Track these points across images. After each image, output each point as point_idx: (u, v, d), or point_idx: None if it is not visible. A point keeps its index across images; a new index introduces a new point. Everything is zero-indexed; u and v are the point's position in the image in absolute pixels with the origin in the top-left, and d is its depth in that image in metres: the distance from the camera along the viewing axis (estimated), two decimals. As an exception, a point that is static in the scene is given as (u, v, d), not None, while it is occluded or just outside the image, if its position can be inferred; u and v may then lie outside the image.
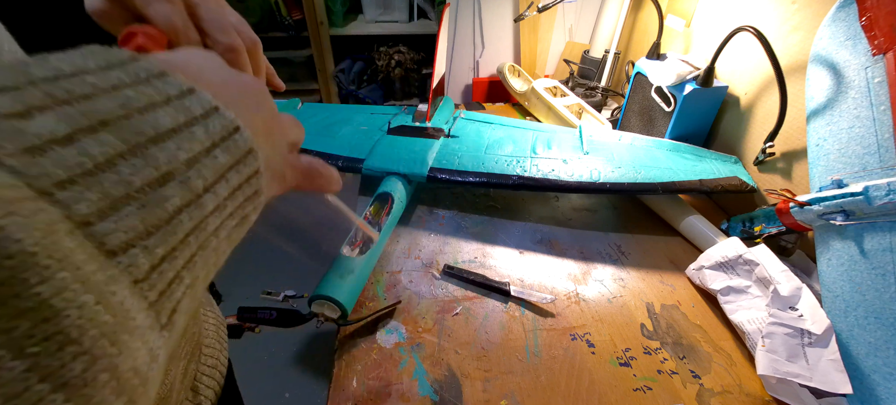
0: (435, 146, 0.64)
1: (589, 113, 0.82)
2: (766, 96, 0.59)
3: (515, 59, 1.08)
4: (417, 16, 1.43)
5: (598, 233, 0.60)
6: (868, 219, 0.41)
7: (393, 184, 0.57)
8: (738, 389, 0.41)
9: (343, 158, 0.62)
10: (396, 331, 0.45)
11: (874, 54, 0.43)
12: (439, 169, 0.59)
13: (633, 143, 0.66)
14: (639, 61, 0.73)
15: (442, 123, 0.69)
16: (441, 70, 0.76)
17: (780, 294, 0.42)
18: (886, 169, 0.41)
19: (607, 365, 0.42)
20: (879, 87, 0.42)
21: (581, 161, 0.60)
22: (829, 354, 0.38)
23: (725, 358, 0.44)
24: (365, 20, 1.45)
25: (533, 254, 0.56)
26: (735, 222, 0.56)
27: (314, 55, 1.42)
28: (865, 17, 0.43)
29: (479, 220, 0.61)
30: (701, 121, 0.68)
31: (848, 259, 0.42)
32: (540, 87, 0.85)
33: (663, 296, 0.50)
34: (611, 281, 0.52)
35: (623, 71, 0.98)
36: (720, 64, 0.65)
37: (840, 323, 0.41)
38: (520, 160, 0.61)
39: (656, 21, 0.74)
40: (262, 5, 1.33)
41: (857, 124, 0.44)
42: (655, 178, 0.57)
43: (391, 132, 0.67)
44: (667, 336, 0.45)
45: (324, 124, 0.71)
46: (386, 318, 0.46)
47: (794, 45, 0.54)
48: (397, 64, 1.46)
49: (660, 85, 0.67)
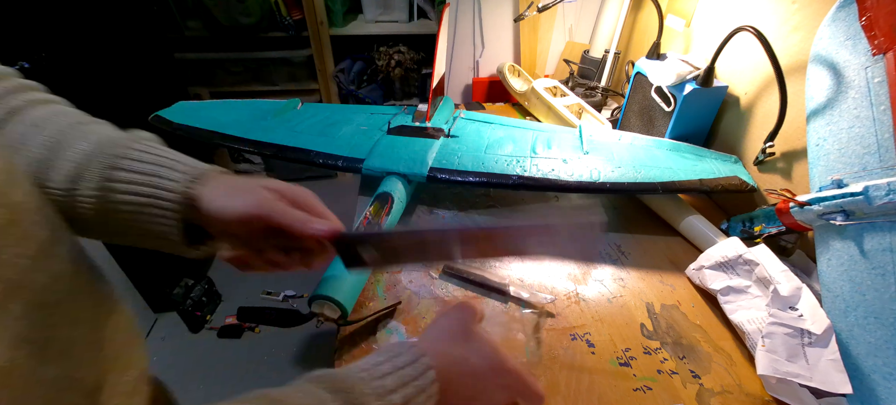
0: (435, 146, 0.64)
1: (589, 113, 0.82)
2: (766, 96, 0.59)
3: (515, 58, 1.08)
4: (417, 16, 1.43)
5: (598, 234, 0.60)
6: (868, 219, 0.41)
7: (393, 183, 0.57)
8: (738, 389, 0.41)
9: (343, 158, 0.62)
10: (396, 332, 0.45)
11: (874, 54, 0.43)
12: (439, 169, 0.59)
13: (633, 142, 0.65)
14: (639, 61, 0.73)
15: (442, 123, 0.69)
16: (441, 70, 0.75)
17: (780, 294, 0.42)
18: (886, 169, 0.40)
19: (607, 365, 0.42)
20: (879, 87, 0.42)
21: (581, 161, 0.60)
22: (829, 354, 0.38)
23: (725, 358, 0.44)
24: (365, 20, 1.45)
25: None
26: (735, 222, 0.56)
27: (314, 55, 1.42)
28: (865, 17, 0.43)
29: (479, 220, 0.61)
30: (701, 121, 0.68)
31: (848, 259, 0.42)
32: (540, 87, 0.85)
33: (663, 296, 0.50)
34: (611, 281, 0.52)
35: (623, 71, 0.98)
36: (720, 64, 0.65)
37: (840, 323, 0.41)
38: (520, 160, 0.61)
39: (656, 21, 0.74)
40: (261, 5, 1.33)
41: (856, 124, 0.44)
42: (655, 177, 0.57)
43: (391, 132, 0.67)
44: (667, 336, 0.45)
45: (324, 124, 0.71)
46: (386, 318, 0.46)
47: (794, 45, 0.54)
48: (397, 64, 1.46)
49: (660, 85, 0.67)
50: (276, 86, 1.53)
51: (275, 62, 1.49)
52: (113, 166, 0.29)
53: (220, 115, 0.73)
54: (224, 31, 1.36)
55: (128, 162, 0.30)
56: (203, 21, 1.38)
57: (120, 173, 0.29)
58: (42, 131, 0.30)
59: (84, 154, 0.29)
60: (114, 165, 0.29)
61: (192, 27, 1.40)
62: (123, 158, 0.30)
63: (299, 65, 1.50)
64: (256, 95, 1.54)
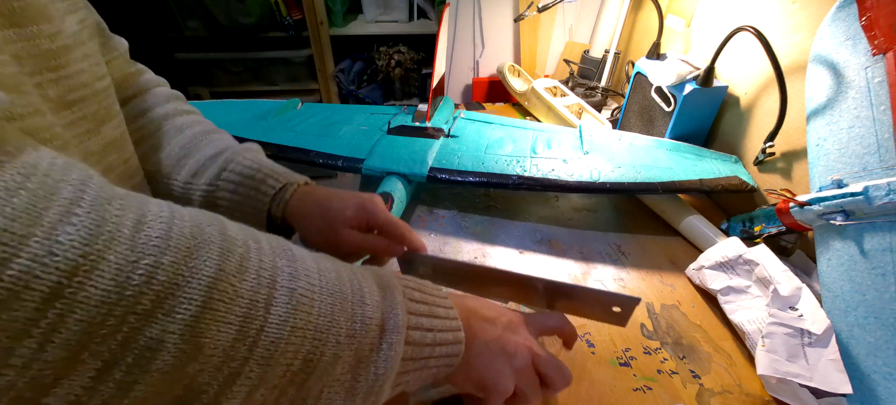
0: (435, 146, 0.64)
1: (589, 113, 0.82)
2: (766, 96, 0.59)
3: (515, 58, 1.08)
4: (417, 16, 1.42)
5: (598, 233, 0.60)
6: (868, 219, 0.41)
7: (393, 184, 0.57)
8: (738, 389, 0.41)
9: (343, 158, 0.62)
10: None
11: (874, 54, 0.43)
12: (439, 169, 0.59)
13: (633, 142, 0.66)
14: (639, 61, 0.73)
15: (442, 123, 0.69)
16: (441, 70, 0.75)
17: (780, 294, 0.42)
18: (886, 169, 0.40)
19: (607, 365, 0.42)
20: (879, 87, 0.42)
21: (581, 161, 0.60)
22: (829, 354, 0.38)
23: (725, 358, 0.44)
24: (365, 20, 1.45)
25: (533, 254, 0.56)
26: (735, 222, 0.56)
27: (314, 55, 1.42)
28: (865, 17, 0.43)
29: (479, 220, 0.61)
30: (701, 121, 0.68)
31: (848, 259, 0.42)
32: (540, 87, 0.85)
33: (663, 296, 0.50)
34: (611, 281, 0.52)
35: (623, 71, 0.98)
36: (720, 64, 0.65)
37: (840, 323, 0.41)
38: (520, 160, 0.61)
39: (656, 21, 0.74)
40: (261, 5, 1.33)
41: (857, 124, 0.44)
42: (655, 177, 0.57)
43: (391, 132, 0.67)
44: (667, 336, 0.45)
45: (324, 124, 0.71)
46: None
47: (794, 45, 0.54)
48: (397, 64, 1.46)
49: (660, 85, 0.67)
50: (276, 86, 1.53)
51: (275, 62, 1.48)
52: (224, 168, 0.38)
53: (220, 116, 0.73)
54: (224, 31, 1.36)
55: (234, 164, 0.38)
56: (203, 21, 1.38)
57: (225, 174, 0.37)
58: (182, 136, 0.39)
59: (206, 157, 0.38)
60: (224, 167, 0.38)
61: (192, 27, 1.39)
62: (231, 162, 0.38)
63: (299, 65, 1.50)
64: (256, 95, 1.53)
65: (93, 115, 0.28)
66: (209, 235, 0.19)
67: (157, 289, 0.16)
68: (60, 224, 0.15)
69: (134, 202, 0.18)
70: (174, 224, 0.18)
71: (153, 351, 0.16)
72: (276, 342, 0.19)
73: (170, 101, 0.41)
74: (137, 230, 0.17)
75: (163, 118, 0.40)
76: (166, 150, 0.38)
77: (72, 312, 0.14)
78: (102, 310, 0.15)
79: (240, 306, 0.18)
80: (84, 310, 0.15)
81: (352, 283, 0.24)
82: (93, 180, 0.17)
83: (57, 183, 0.16)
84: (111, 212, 0.16)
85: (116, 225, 0.16)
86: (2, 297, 0.13)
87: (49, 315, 0.14)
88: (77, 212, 0.16)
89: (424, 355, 0.26)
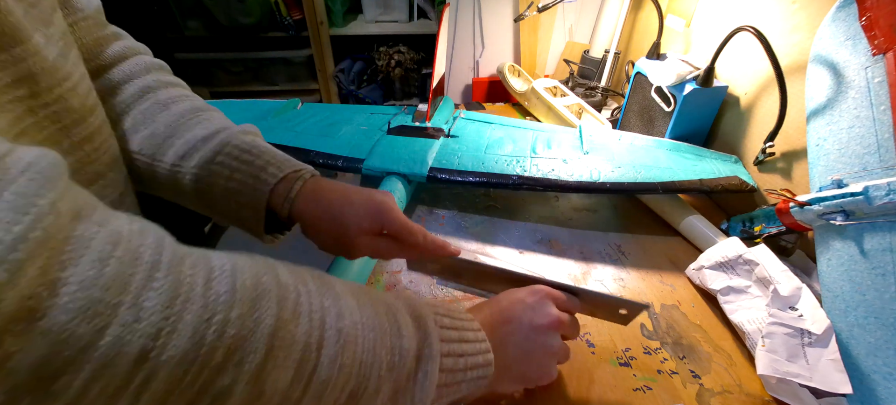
0: (435, 146, 0.64)
1: (589, 113, 0.82)
2: (766, 96, 0.59)
3: (515, 58, 1.08)
4: (417, 16, 1.42)
5: (598, 233, 0.60)
6: (868, 219, 0.41)
7: (393, 184, 0.57)
8: (738, 389, 0.41)
9: (343, 158, 0.62)
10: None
11: (874, 54, 0.43)
12: (439, 169, 0.59)
13: (633, 142, 0.65)
14: (639, 61, 0.73)
15: (442, 123, 0.69)
16: (441, 70, 0.75)
17: (780, 294, 0.42)
18: (886, 169, 0.40)
19: (607, 365, 0.42)
20: (879, 87, 0.42)
21: (581, 161, 0.60)
22: (829, 354, 0.38)
23: (725, 358, 0.44)
24: (365, 20, 1.45)
25: (533, 254, 0.56)
26: (735, 222, 0.56)
27: (314, 55, 1.42)
28: (865, 17, 0.43)
29: (479, 220, 0.61)
30: (701, 121, 0.68)
31: (848, 259, 0.42)
32: (540, 87, 0.85)
33: (663, 296, 0.50)
34: (611, 281, 0.52)
35: (623, 71, 0.98)
36: (720, 64, 0.65)
37: (840, 323, 0.41)
38: (520, 160, 0.61)
39: (656, 21, 0.74)
40: (261, 5, 1.33)
41: (857, 124, 0.44)
42: (655, 177, 0.57)
43: (391, 132, 0.67)
44: (667, 336, 0.45)
45: (324, 124, 0.71)
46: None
47: (794, 45, 0.54)
48: (397, 64, 1.46)
49: (660, 85, 0.67)
50: (276, 86, 1.53)
51: (275, 62, 1.48)
52: (218, 151, 0.34)
53: (220, 115, 0.73)
54: (224, 31, 1.36)
55: (230, 147, 0.34)
56: (203, 21, 1.38)
57: (220, 157, 0.34)
58: (168, 112, 0.35)
59: (198, 139, 0.34)
60: (219, 151, 0.34)
61: (192, 27, 1.39)
62: (227, 144, 0.34)
63: (299, 65, 1.50)
64: (256, 95, 1.54)
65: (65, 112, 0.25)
66: (267, 285, 0.20)
67: (228, 342, 0.17)
68: (144, 290, 0.16)
69: (201, 258, 0.19)
70: (237, 277, 0.19)
71: (224, 397, 0.17)
72: (326, 381, 0.21)
73: (151, 72, 0.37)
74: (208, 288, 0.18)
75: (144, 91, 0.35)
76: (150, 128, 0.34)
77: (157, 373, 0.16)
78: (183, 366, 0.16)
79: (296, 350, 0.20)
80: (167, 368, 0.16)
81: (389, 316, 0.26)
82: (165, 240, 0.18)
83: (138, 249, 0.17)
84: (185, 273, 0.18)
85: (190, 285, 0.17)
86: (99, 363, 0.14)
87: (137, 378, 0.15)
88: (157, 276, 0.17)
89: (457, 380, 0.27)
